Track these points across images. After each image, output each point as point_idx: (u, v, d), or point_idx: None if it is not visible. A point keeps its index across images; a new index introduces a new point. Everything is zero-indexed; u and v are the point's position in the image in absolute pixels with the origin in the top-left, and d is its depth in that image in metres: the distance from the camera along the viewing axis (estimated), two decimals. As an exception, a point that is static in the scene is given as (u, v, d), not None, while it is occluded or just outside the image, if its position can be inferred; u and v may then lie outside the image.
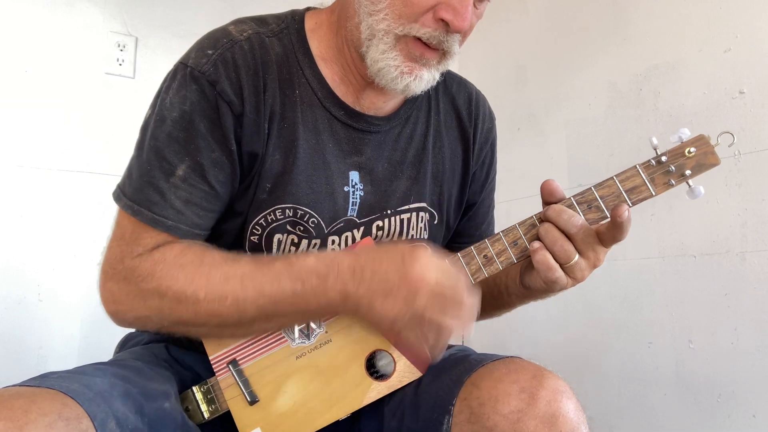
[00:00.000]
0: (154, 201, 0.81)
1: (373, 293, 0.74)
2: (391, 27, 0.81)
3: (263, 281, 0.77)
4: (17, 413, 0.59)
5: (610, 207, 0.81)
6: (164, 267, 0.79)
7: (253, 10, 0.96)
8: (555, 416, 0.68)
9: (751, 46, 1.47)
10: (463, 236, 1.07)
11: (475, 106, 1.03)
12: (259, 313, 0.78)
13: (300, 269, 0.77)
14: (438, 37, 0.82)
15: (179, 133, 0.82)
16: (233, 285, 0.77)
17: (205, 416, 0.83)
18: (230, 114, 0.83)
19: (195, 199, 0.82)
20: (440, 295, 0.73)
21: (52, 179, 1.70)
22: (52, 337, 1.66)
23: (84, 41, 1.78)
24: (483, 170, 1.05)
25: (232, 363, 0.83)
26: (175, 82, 0.84)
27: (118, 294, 0.81)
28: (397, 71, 0.83)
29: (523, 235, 0.83)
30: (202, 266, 0.79)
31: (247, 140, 0.84)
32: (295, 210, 0.87)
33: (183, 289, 0.77)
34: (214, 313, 0.78)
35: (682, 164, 0.82)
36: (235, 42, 0.85)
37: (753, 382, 1.41)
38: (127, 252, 0.81)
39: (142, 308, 0.80)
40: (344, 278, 0.75)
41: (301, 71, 0.89)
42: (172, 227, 0.81)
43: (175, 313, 0.79)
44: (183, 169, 0.82)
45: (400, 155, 0.95)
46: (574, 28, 1.95)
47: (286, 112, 0.87)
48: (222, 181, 0.84)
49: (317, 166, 0.88)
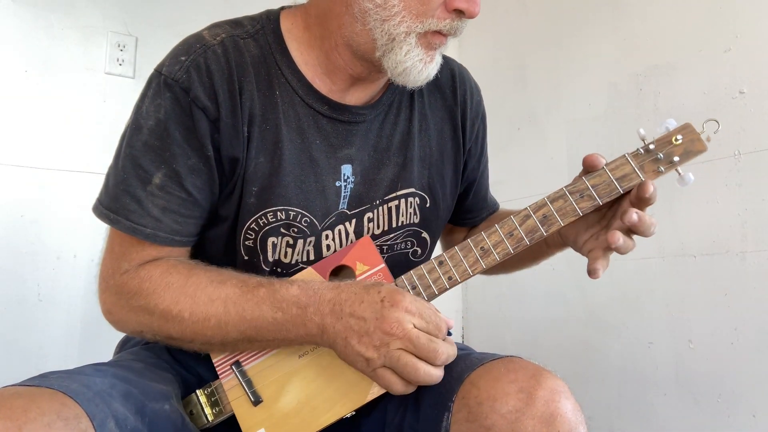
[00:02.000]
0: (131, 209, 0.82)
1: (349, 331, 0.75)
2: (412, 27, 0.82)
3: (245, 307, 0.79)
4: (16, 412, 0.59)
5: (602, 195, 0.84)
6: (150, 285, 0.81)
7: (253, 9, 0.96)
8: (553, 416, 0.68)
9: (751, 46, 1.47)
10: (474, 211, 1.10)
11: (460, 82, 1.03)
12: (242, 336, 0.80)
13: (282, 298, 0.78)
14: (455, 26, 0.83)
15: (155, 141, 0.82)
16: (216, 308, 0.79)
17: (210, 419, 0.83)
18: (205, 120, 0.83)
19: (173, 207, 0.83)
20: (416, 343, 0.73)
21: (52, 179, 1.70)
22: (52, 337, 1.66)
23: (84, 41, 1.78)
24: (477, 144, 1.06)
25: (235, 364, 0.83)
26: (151, 90, 0.85)
27: (112, 307, 0.84)
28: (422, 64, 0.84)
29: (519, 226, 0.84)
30: (186, 286, 0.80)
31: (225, 145, 0.84)
32: (287, 212, 0.87)
33: (169, 308, 0.80)
34: (199, 332, 0.80)
35: (670, 152, 0.84)
36: (208, 47, 0.85)
37: (753, 382, 1.41)
38: (116, 268, 0.84)
39: (134, 322, 0.83)
40: (323, 312, 0.76)
41: (279, 71, 0.88)
42: (150, 235, 0.82)
43: (164, 330, 0.81)
44: (159, 177, 0.82)
45: (386, 142, 0.95)
46: (574, 28, 1.95)
47: (267, 113, 0.87)
48: (200, 188, 0.84)
49: (304, 165, 0.88)
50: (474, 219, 1.11)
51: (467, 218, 1.11)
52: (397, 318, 0.73)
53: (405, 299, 0.74)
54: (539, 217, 0.85)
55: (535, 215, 0.85)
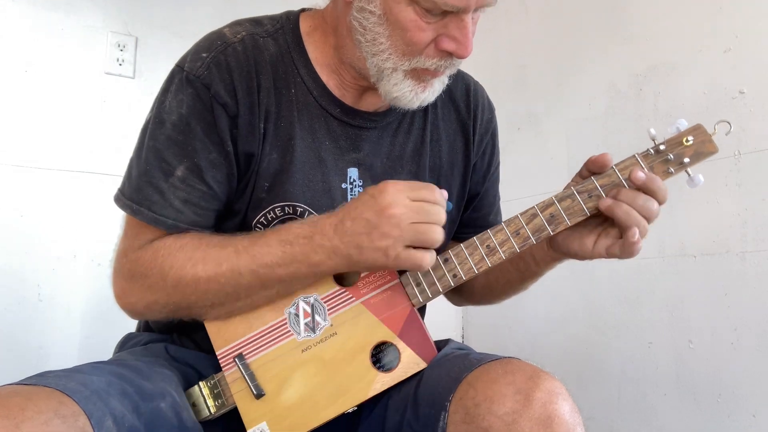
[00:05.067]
0: (153, 200, 0.84)
1: (358, 237, 0.77)
2: (398, 64, 0.83)
3: (255, 249, 0.81)
4: (14, 411, 0.60)
5: (611, 195, 0.83)
6: (165, 251, 0.83)
7: (253, 9, 0.97)
8: (550, 418, 0.68)
9: (751, 46, 1.47)
10: (470, 227, 1.08)
11: (473, 97, 1.03)
12: (254, 278, 0.81)
13: (288, 233, 0.81)
14: (444, 65, 0.84)
15: (177, 135, 0.84)
16: (229, 255, 0.81)
17: (212, 411, 0.83)
18: (225, 116, 0.85)
19: (193, 199, 0.85)
20: (419, 210, 0.76)
21: (52, 179, 1.70)
22: (52, 337, 1.66)
23: (84, 41, 1.78)
24: (484, 160, 1.05)
25: (238, 357, 0.83)
26: (173, 85, 0.87)
27: (125, 287, 0.86)
28: (412, 94, 0.86)
29: (525, 225, 0.84)
30: (200, 245, 0.83)
31: (242, 141, 0.86)
32: (293, 207, 0.89)
33: (183, 265, 0.81)
34: (213, 284, 0.81)
35: (681, 153, 0.83)
36: (229, 44, 0.87)
37: (753, 382, 1.41)
38: (129, 246, 0.86)
39: (148, 294, 0.84)
40: (329, 235, 0.78)
41: (296, 70, 0.90)
42: (172, 226, 0.84)
43: (178, 292, 0.82)
44: (181, 170, 0.84)
45: (399, 150, 0.96)
46: (574, 28, 1.95)
47: (282, 111, 0.88)
48: (219, 181, 0.86)
49: (313, 164, 0.90)
50: (469, 235, 1.07)
51: (463, 233, 1.07)
52: (393, 200, 0.75)
53: (389, 183, 0.77)
54: (546, 216, 0.85)
55: (542, 214, 0.85)
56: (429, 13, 0.79)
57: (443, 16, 0.79)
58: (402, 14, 0.79)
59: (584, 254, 0.88)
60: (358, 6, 0.82)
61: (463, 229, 1.08)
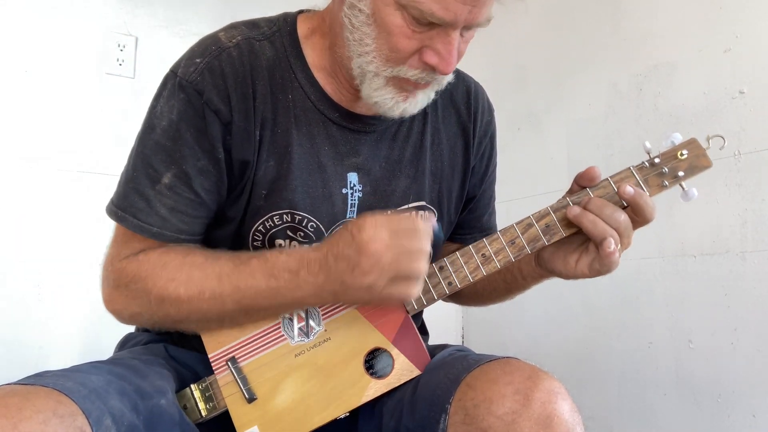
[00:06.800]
0: (139, 208, 0.83)
1: (341, 274, 0.76)
2: (380, 69, 0.82)
3: (239, 278, 0.80)
4: (12, 410, 0.60)
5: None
6: (148, 267, 0.82)
7: (253, 9, 0.96)
8: (550, 417, 0.68)
9: (751, 46, 1.47)
10: (465, 228, 1.08)
11: (474, 99, 1.02)
12: (238, 307, 0.80)
13: (273, 266, 0.79)
14: (426, 77, 0.82)
15: (166, 141, 0.83)
16: (211, 281, 0.80)
17: (203, 414, 0.83)
18: (218, 122, 0.83)
19: (180, 207, 0.84)
20: (399, 244, 0.74)
21: (52, 179, 1.70)
22: (52, 337, 1.66)
23: (84, 41, 1.79)
24: (483, 163, 1.05)
25: (231, 360, 0.83)
26: (166, 90, 0.86)
27: (112, 294, 0.85)
28: (393, 101, 0.84)
29: (521, 234, 0.84)
30: (183, 265, 0.81)
31: (237, 148, 0.85)
32: (292, 215, 0.87)
33: (165, 285, 0.80)
34: (195, 308, 0.80)
35: (675, 166, 0.84)
36: (223, 49, 0.85)
37: (753, 382, 1.41)
38: (116, 255, 0.85)
39: (133, 306, 0.83)
40: (314, 271, 0.77)
41: (293, 75, 0.89)
42: (156, 234, 0.83)
43: (161, 310, 0.82)
44: (169, 177, 0.83)
45: (397, 154, 0.95)
46: (574, 28, 1.95)
47: (279, 117, 0.87)
48: (208, 189, 0.85)
49: (312, 170, 0.88)
50: (464, 236, 1.08)
51: (458, 234, 1.08)
52: (372, 236, 0.73)
53: (367, 219, 0.75)
54: (542, 226, 0.85)
55: (538, 224, 0.85)
56: (416, 21, 0.77)
57: (430, 27, 0.78)
58: (389, 18, 0.78)
59: (568, 273, 0.87)
60: (349, 2, 0.81)
61: (459, 230, 1.08)
